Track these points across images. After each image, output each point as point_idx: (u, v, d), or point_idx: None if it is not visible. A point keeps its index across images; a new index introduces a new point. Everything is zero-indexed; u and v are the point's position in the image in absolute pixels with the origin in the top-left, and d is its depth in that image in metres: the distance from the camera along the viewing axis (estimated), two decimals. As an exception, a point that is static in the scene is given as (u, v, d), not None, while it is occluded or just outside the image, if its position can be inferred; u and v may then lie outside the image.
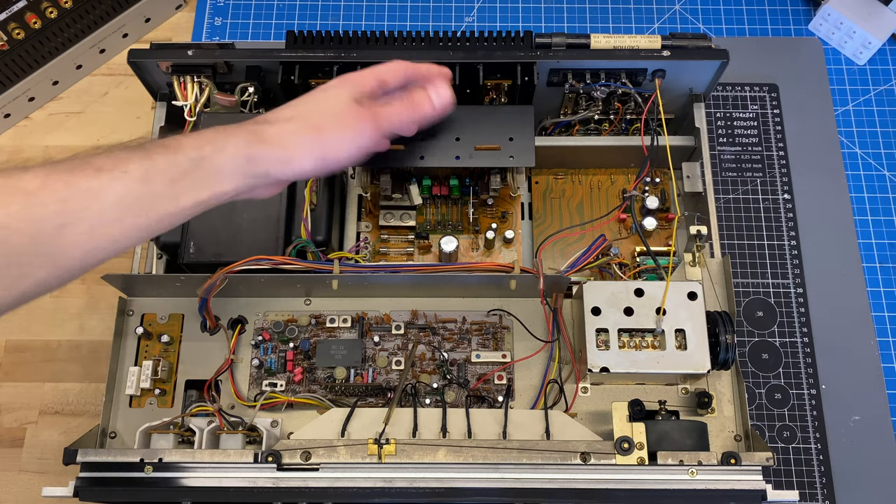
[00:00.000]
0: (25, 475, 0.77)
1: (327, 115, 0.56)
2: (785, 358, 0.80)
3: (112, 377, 0.67)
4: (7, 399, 0.80)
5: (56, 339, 0.82)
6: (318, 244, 0.69)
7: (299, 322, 0.69)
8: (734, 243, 0.85)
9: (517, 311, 0.69)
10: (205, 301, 0.65)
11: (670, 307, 0.63)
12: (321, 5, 0.98)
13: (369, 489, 0.57)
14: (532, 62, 0.71)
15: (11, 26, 0.82)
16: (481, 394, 0.67)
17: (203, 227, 0.68)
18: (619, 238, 0.77)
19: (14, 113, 0.90)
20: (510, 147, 0.70)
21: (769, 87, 0.92)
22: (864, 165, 0.89)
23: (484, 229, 0.76)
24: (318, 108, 0.56)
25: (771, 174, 0.88)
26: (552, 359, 0.68)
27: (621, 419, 0.59)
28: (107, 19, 0.90)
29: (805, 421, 0.78)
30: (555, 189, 0.80)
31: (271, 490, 0.57)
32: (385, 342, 0.69)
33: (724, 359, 0.62)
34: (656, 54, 0.71)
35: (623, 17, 0.97)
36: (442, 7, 0.98)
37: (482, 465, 0.58)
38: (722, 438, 0.65)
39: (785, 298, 0.82)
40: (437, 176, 0.76)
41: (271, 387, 0.67)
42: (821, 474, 0.76)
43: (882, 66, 0.94)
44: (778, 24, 0.97)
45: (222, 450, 0.59)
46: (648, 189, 0.78)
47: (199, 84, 0.73)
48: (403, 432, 0.61)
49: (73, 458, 0.58)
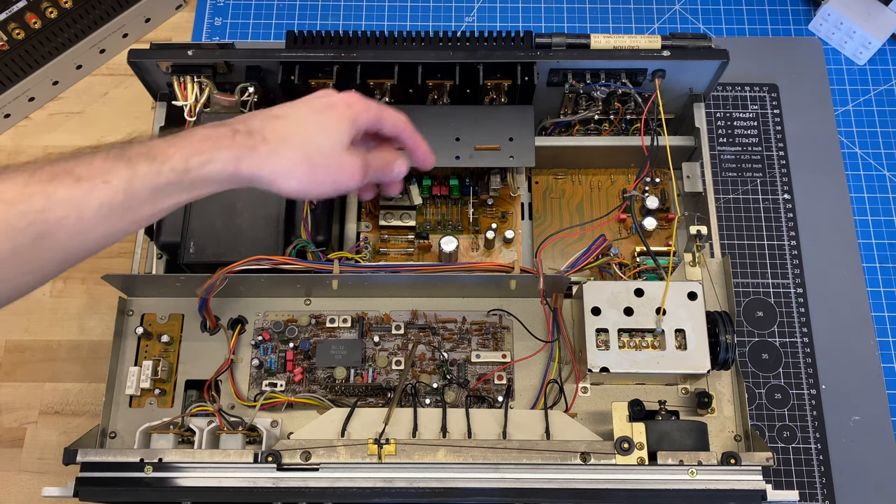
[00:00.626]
0: (25, 475, 0.77)
1: (323, 154, 0.53)
2: (785, 358, 0.80)
3: (112, 377, 0.67)
4: (7, 399, 0.80)
5: (56, 339, 0.82)
6: (318, 244, 0.69)
7: (299, 322, 0.69)
8: (734, 243, 0.85)
9: (517, 311, 0.69)
10: (205, 301, 0.65)
11: (670, 307, 0.63)
12: (321, 5, 0.98)
13: (369, 489, 0.57)
14: (532, 62, 0.71)
15: (11, 26, 0.82)
16: (481, 394, 0.67)
17: (203, 227, 0.68)
18: (619, 238, 0.77)
19: (14, 113, 0.90)
20: (510, 147, 0.70)
21: (769, 87, 0.92)
22: (864, 165, 0.89)
23: (484, 229, 0.76)
24: (316, 141, 0.53)
25: (771, 174, 0.88)
26: (552, 359, 0.68)
27: (621, 419, 0.59)
28: (107, 19, 0.90)
29: (805, 421, 0.78)
30: (555, 189, 0.80)
31: (271, 490, 0.57)
32: (385, 342, 0.69)
33: (724, 359, 0.62)
34: (656, 54, 0.71)
35: (623, 17, 0.97)
36: (442, 7, 0.98)
37: (482, 465, 0.58)
38: (722, 438, 0.65)
39: (785, 298, 0.82)
40: (437, 176, 0.76)
41: (271, 387, 0.67)
42: (821, 474, 0.76)
43: (882, 66, 0.94)
44: (778, 24, 0.97)
45: (222, 450, 0.59)
46: (648, 189, 0.78)
47: (199, 84, 0.73)
48: (403, 432, 0.61)
49: (73, 458, 0.58)
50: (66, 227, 0.44)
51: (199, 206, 0.68)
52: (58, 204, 0.44)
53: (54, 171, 0.44)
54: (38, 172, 0.44)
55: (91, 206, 0.45)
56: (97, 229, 0.46)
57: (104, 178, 0.45)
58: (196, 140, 0.49)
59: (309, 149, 0.52)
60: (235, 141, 0.50)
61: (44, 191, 0.44)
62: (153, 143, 0.48)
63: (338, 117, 0.54)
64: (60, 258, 0.46)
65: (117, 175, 0.46)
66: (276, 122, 0.52)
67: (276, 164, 0.51)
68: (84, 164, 0.45)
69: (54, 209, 0.44)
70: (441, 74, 0.72)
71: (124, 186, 0.46)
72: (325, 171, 0.53)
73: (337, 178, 0.54)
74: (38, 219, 0.43)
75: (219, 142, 0.49)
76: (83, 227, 0.45)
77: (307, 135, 0.53)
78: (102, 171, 0.45)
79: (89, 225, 0.45)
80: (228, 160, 0.49)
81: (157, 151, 0.47)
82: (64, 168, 0.45)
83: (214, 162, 0.48)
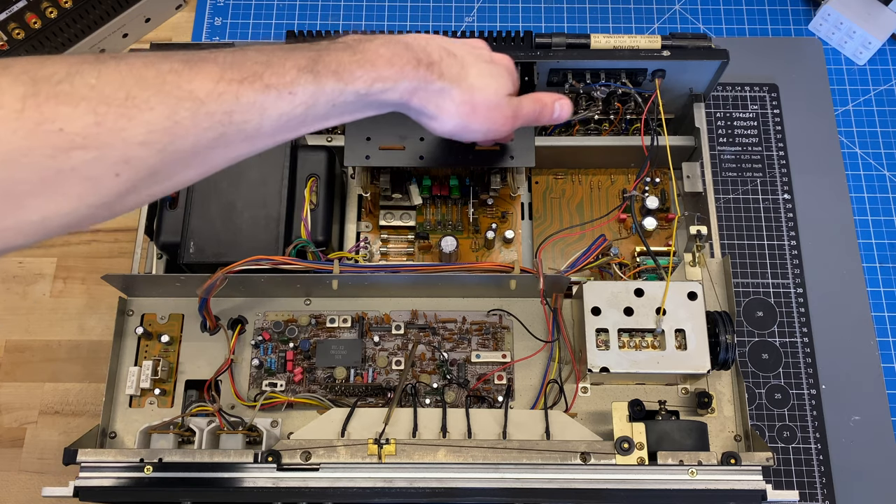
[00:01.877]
0: (25, 475, 0.77)
1: (486, 101, 0.55)
2: (785, 358, 0.80)
3: (112, 377, 0.67)
4: (7, 399, 0.80)
5: (56, 339, 0.82)
6: (318, 244, 0.69)
7: (299, 322, 0.69)
8: (734, 243, 0.85)
9: (517, 311, 0.69)
10: (205, 301, 0.65)
11: (670, 307, 0.63)
12: (321, 5, 0.98)
13: (369, 489, 0.57)
14: (532, 62, 0.71)
15: (11, 26, 0.82)
16: (481, 394, 0.67)
17: (203, 227, 0.68)
18: (619, 238, 0.77)
19: (14, 113, 0.90)
20: (510, 147, 0.70)
21: (769, 87, 0.92)
22: (864, 165, 0.89)
23: (484, 229, 0.76)
24: (484, 86, 0.55)
25: (771, 174, 0.88)
26: (552, 359, 0.68)
27: (621, 419, 0.59)
28: (107, 19, 0.90)
29: (805, 421, 0.78)
30: (555, 189, 0.80)
31: (271, 490, 0.57)
32: (385, 342, 0.69)
33: (724, 359, 0.62)
34: (656, 54, 0.71)
35: (623, 17, 0.97)
36: (442, 7, 0.98)
37: (482, 465, 0.58)
38: (722, 438, 0.65)
39: (785, 298, 0.82)
40: (437, 176, 0.76)
41: (271, 387, 0.67)
42: (821, 474, 0.76)
43: (882, 66, 0.94)
44: (778, 24, 0.97)
45: (222, 450, 0.59)
46: (648, 189, 0.78)
47: (199, 84, 0.73)
48: (403, 432, 0.61)
49: (73, 458, 0.58)
50: (244, 130, 0.44)
51: (199, 206, 0.69)
52: (244, 107, 0.43)
53: (245, 70, 0.43)
54: (229, 71, 0.43)
55: (272, 115, 0.44)
56: (269, 136, 0.46)
57: (291, 90, 0.45)
58: (382, 64, 0.49)
59: (475, 94, 0.54)
60: (418, 73, 0.50)
61: (234, 91, 0.42)
62: (342, 58, 0.47)
63: (502, 70, 0.57)
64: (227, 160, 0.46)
65: (305, 89, 0.45)
66: (452, 59, 0.53)
67: (443, 103, 0.53)
68: (275, 71, 0.44)
69: (239, 112, 0.43)
70: (441, 74, 0.72)
71: (309, 101, 0.46)
72: (483, 118, 0.55)
73: (490, 126, 0.56)
74: (223, 120, 0.42)
75: (403, 70, 0.50)
76: (260, 132, 0.45)
77: (477, 79, 0.54)
78: (292, 82, 0.45)
79: (265, 131, 0.45)
80: (406, 90, 0.50)
81: (345, 70, 0.47)
82: (254, 70, 0.44)
83: (395, 90, 0.50)
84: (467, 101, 0.54)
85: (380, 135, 0.70)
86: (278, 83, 0.44)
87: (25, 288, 0.84)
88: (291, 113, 0.45)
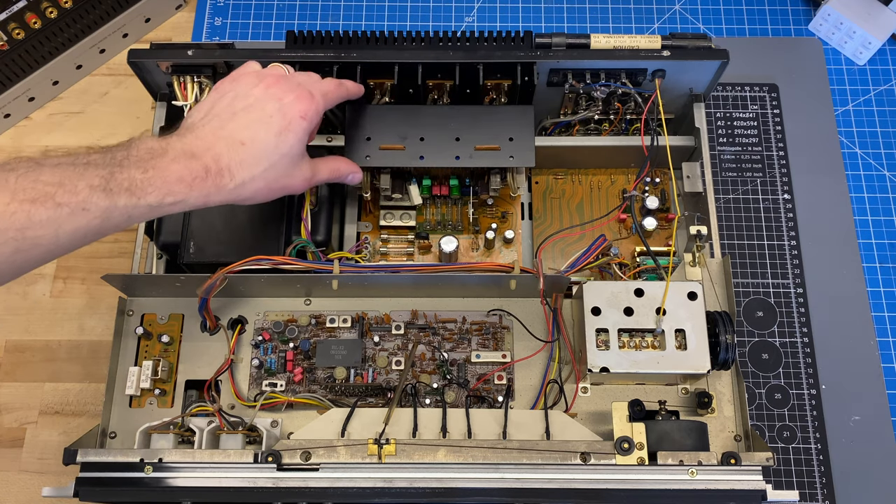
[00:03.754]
0: (25, 475, 0.77)
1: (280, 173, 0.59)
2: (785, 358, 0.80)
3: (112, 377, 0.67)
4: (7, 399, 0.80)
5: (56, 339, 0.82)
6: (318, 244, 0.69)
7: (299, 322, 0.69)
8: (734, 243, 0.85)
9: (517, 311, 0.69)
10: (205, 301, 0.65)
11: (670, 307, 0.63)
12: (321, 5, 0.98)
13: (369, 489, 0.57)
14: (532, 62, 0.71)
15: (11, 26, 0.82)
16: (481, 394, 0.67)
17: (203, 227, 0.68)
18: (619, 238, 0.77)
19: (14, 113, 0.90)
20: (510, 147, 0.70)
21: (769, 87, 0.92)
22: (864, 165, 0.89)
23: (484, 229, 0.76)
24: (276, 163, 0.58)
25: (771, 174, 0.88)
26: (552, 359, 0.68)
27: (621, 419, 0.59)
28: (107, 19, 0.90)
29: (805, 421, 0.78)
30: (555, 189, 0.80)
31: (271, 490, 0.57)
32: (385, 342, 0.69)
33: (724, 359, 0.62)
34: (656, 54, 0.71)
35: (623, 17, 0.97)
36: (442, 7, 0.98)
37: (482, 465, 0.58)
38: (722, 438, 0.65)
39: (785, 298, 0.82)
40: (437, 176, 0.76)
41: (271, 387, 0.67)
42: (821, 474, 0.76)
43: (882, 66, 0.94)
44: (778, 24, 0.97)
45: (222, 450, 0.59)
46: (648, 189, 0.78)
47: (199, 84, 0.73)
48: (403, 432, 0.62)
49: (73, 458, 0.58)
50: (41, 244, 0.48)
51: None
52: (38, 224, 0.47)
53: (37, 191, 0.47)
54: (21, 192, 0.47)
55: (67, 230, 0.48)
56: (68, 246, 0.50)
57: (85, 206, 0.49)
58: (173, 181, 0.52)
59: (268, 174, 0.58)
60: (206, 183, 0.54)
61: (26, 210, 0.47)
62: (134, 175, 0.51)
63: (295, 133, 0.59)
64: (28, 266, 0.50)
65: (97, 206, 0.49)
66: (241, 150, 0.56)
67: (239, 194, 0.57)
68: (67, 191, 0.48)
69: (34, 228, 0.47)
70: (441, 74, 0.72)
71: (103, 215, 0.50)
72: (280, 187, 0.60)
73: (287, 189, 0.61)
74: (17, 236, 0.47)
75: (192, 185, 0.53)
76: (57, 244, 0.49)
77: (269, 160, 0.57)
78: (85, 200, 0.49)
79: (63, 243, 0.49)
80: (198, 199, 0.54)
81: (136, 187, 0.51)
82: (46, 191, 0.47)
83: (185, 202, 0.53)
84: (264, 187, 0.58)
85: (380, 135, 0.70)
86: (70, 201, 0.48)
87: (25, 288, 0.84)
88: (87, 226, 0.49)
